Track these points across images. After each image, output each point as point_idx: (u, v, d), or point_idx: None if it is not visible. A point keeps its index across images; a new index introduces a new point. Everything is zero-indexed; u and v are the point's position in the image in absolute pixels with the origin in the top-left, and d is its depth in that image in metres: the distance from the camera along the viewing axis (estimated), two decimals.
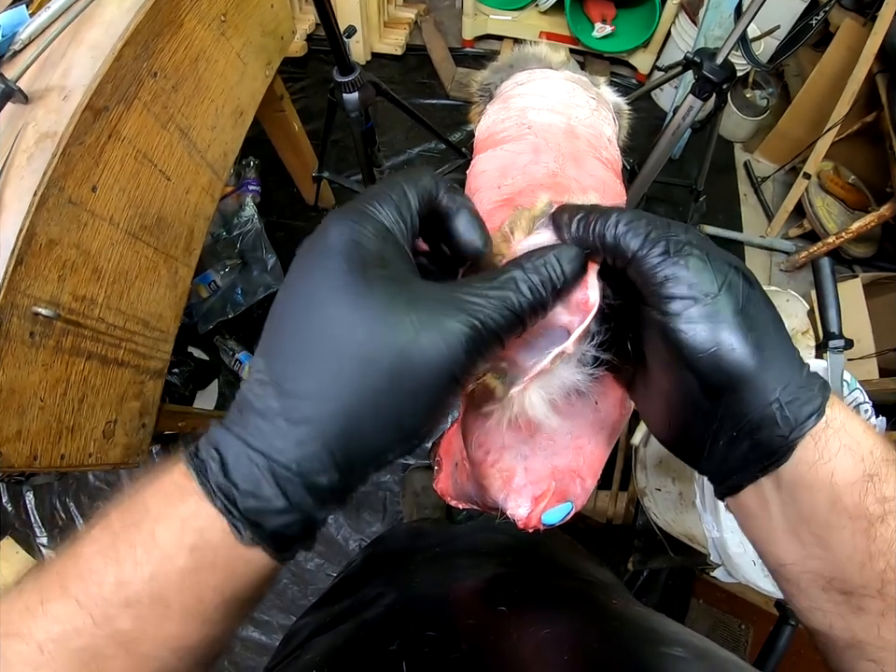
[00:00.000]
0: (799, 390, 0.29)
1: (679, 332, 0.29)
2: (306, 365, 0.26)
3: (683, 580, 1.63)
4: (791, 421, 0.28)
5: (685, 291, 0.29)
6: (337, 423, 0.25)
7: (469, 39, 2.53)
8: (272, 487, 0.25)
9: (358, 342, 0.25)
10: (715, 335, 0.29)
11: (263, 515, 0.26)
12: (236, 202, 1.94)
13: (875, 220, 1.82)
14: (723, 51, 1.34)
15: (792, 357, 0.30)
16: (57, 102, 0.81)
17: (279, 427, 0.26)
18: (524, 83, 0.71)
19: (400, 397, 0.26)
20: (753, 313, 0.29)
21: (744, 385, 0.29)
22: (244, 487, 0.26)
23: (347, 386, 0.25)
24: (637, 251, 0.30)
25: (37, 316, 0.77)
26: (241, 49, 1.18)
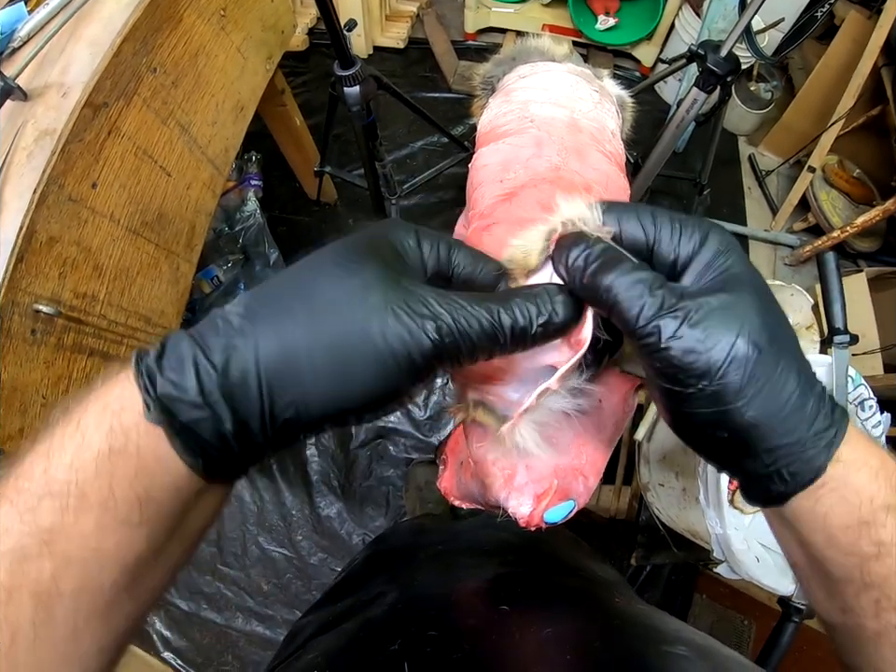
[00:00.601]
0: (799, 452, 0.28)
1: (687, 409, 0.29)
2: (276, 301, 0.27)
3: (686, 575, 1.63)
4: (786, 483, 0.29)
5: (693, 372, 0.28)
6: (274, 349, 0.26)
7: (471, 32, 2.52)
8: (191, 378, 0.25)
9: (331, 298, 0.27)
10: (722, 415, 0.28)
11: (177, 404, 0.25)
12: (238, 196, 1.94)
13: (879, 214, 1.81)
14: (727, 44, 1.33)
15: (802, 409, 0.29)
16: (56, 99, 0.80)
17: (222, 328, 0.26)
18: (526, 76, 0.71)
19: (349, 359, 0.26)
20: (766, 377, 0.28)
21: (741, 452, 0.29)
22: (167, 373, 0.26)
23: (302, 327, 0.26)
24: (639, 327, 0.29)
25: (38, 314, 0.77)
26: (241, 43, 1.17)
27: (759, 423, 0.28)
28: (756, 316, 0.28)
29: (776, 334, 0.29)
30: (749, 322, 0.28)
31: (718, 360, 0.27)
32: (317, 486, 1.75)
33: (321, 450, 1.79)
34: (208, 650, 1.58)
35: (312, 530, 1.70)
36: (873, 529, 0.28)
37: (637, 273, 0.29)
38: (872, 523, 0.28)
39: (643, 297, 0.29)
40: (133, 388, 0.26)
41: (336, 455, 1.79)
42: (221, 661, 1.57)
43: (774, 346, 0.28)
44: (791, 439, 0.28)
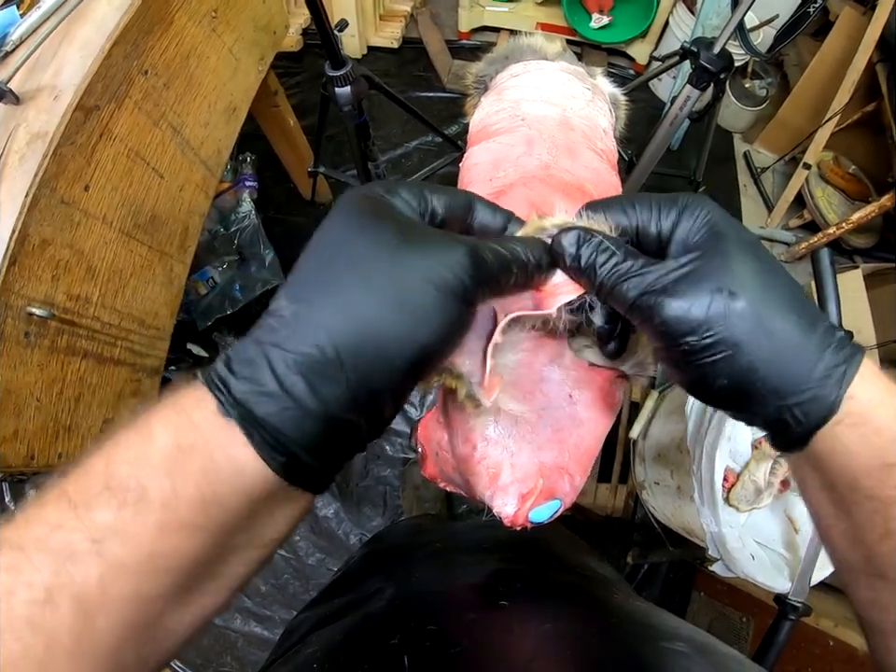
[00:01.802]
0: (809, 389, 0.28)
1: (688, 364, 0.30)
2: (321, 283, 0.27)
3: (684, 573, 1.64)
4: (800, 423, 0.29)
5: (682, 332, 0.29)
6: (341, 321, 0.26)
7: (465, 31, 2.52)
8: (265, 371, 0.25)
9: (366, 260, 0.27)
10: (719, 364, 0.29)
11: (254, 397, 0.25)
12: (233, 198, 1.94)
13: (875, 211, 1.82)
14: (720, 41, 1.33)
15: (805, 346, 0.29)
16: (48, 102, 0.80)
17: (287, 323, 0.26)
18: (518, 75, 0.71)
19: (414, 312, 0.27)
20: (760, 319, 0.29)
21: (750, 398, 0.30)
22: (239, 371, 0.25)
23: (358, 294, 0.26)
24: (630, 308, 0.31)
25: (32, 317, 0.77)
26: (233, 44, 1.17)
27: (756, 367, 0.29)
28: (737, 265, 0.30)
29: (760, 280, 0.30)
30: (728, 272, 0.29)
31: (699, 317, 0.29)
32: None
33: None
34: (207, 650, 1.58)
35: (309, 530, 1.70)
36: (894, 473, 0.28)
37: (616, 261, 0.32)
38: (894, 465, 0.28)
39: (625, 281, 0.31)
40: (205, 391, 0.25)
41: None
42: (220, 662, 1.57)
43: (758, 291, 0.29)
44: (796, 378, 0.29)
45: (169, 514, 0.24)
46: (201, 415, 0.25)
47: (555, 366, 0.41)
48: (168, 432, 0.24)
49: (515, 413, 0.38)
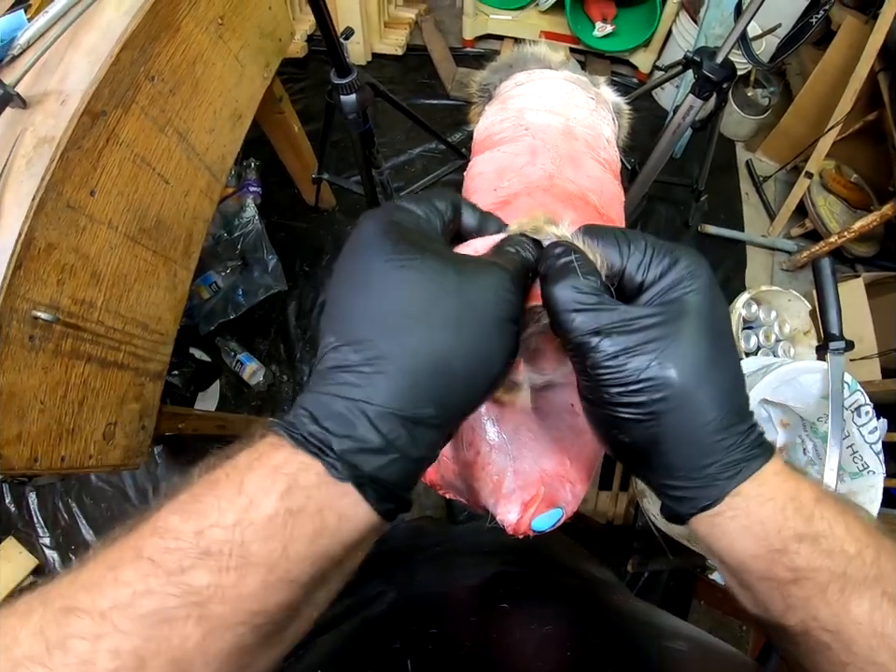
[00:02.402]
0: (697, 479, 0.30)
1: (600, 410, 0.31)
2: (382, 324, 0.28)
3: (685, 581, 1.63)
4: (680, 504, 0.31)
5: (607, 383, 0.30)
6: (428, 368, 0.27)
7: (469, 39, 2.54)
8: (366, 427, 0.26)
9: (429, 300, 0.28)
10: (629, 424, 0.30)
11: (359, 455, 0.25)
12: (237, 203, 1.95)
13: (877, 219, 1.82)
14: (723, 50, 1.34)
15: (714, 441, 0.29)
16: (55, 106, 0.81)
17: (365, 373, 0.27)
18: (522, 83, 0.71)
19: (484, 343, 0.28)
20: (681, 401, 0.29)
21: (642, 463, 0.32)
22: (336, 430, 0.26)
23: (434, 339, 0.27)
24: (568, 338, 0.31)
25: (37, 320, 0.78)
26: (239, 51, 1.18)
27: (660, 444, 0.30)
28: (690, 345, 0.30)
29: (706, 368, 0.30)
30: (678, 349, 0.29)
31: (631, 378, 0.29)
32: None
33: None
34: None
35: None
36: (786, 557, 0.29)
37: (579, 291, 0.31)
38: (783, 551, 0.29)
39: (577, 313, 0.30)
40: (299, 453, 0.25)
41: None
42: None
43: (695, 380, 0.29)
44: (692, 464, 0.30)
45: (276, 574, 0.24)
46: (307, 479, 0.25)
47: (557, 375, 0.41)
48: (271, 496, 0.24)
49: (540, 383, 0.39)
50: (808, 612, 0.29)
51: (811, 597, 0.28)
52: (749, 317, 1.72)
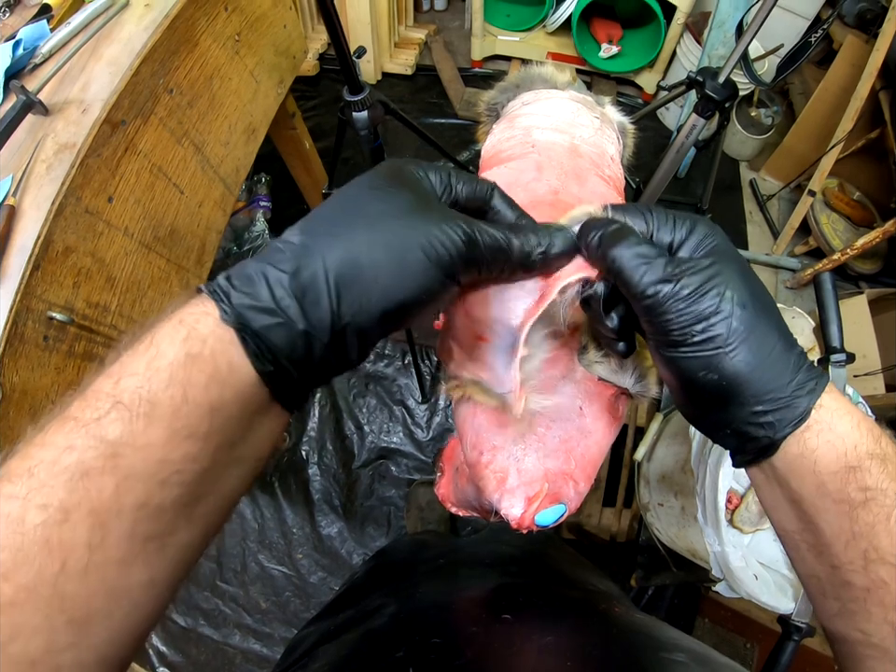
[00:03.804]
0: (784, 398, 0.32)
1: (684, 355, 0.33)
2: (332, 220, 0.30)
3: (689, 598, 1.62)
4: (773, 427, 0.32)
5: (687, 323, 0.32)
6: (338, 255, 0.29)
7: (477, 60, 2.58)
8: (263, 288, 0.28)
9: (381, 212, 0.30)
10: (713, 359, 0.32)
11: (251, 311, 0.27)
12: (247, 217, 1.97)
13: (880, 236, 1.82)
14: (725, 70, 1.36)
15: (784, 362, 0.32)
16: (76, 115, 0.84)
17: (291, 249, 0.29)
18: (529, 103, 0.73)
19: (399, 265, 0.29)
20: (750, 330, 0.31)
21: (731, 398, 0.32)
22: (238, 286, 0.28)
23: (360, 236, 0.29)
24: (640, 291, 0.33)
25: (52, 321, 0.79)
26: (254, 67, 1.21)
27: (745, 369, 0.31)
28: (739, 281, 0.32)
29: (757, 297, 0.33)
30: (732, 284, 0.32)
31: (706, 313, 0.31)
32: (319, 505, 1.75)
33: (323, 469, 1.79)
34: (204, 666, 1.57)
35: (312, 549, 1.70)
36: (859, 474, 0.30)
37: (639, 246, 0.33)
38: (858, 468, 0.30)
39: (644, 265, 0.32)
40: (208, 304, 0.27)
41: (338, 475, 1.79)
42: None
43: (756, 306, 0.32)
44: (775, 384, 0.32)
45: (179, 422, 0.25)
46: (205, 326, 0.27)
47: (568, 380, 0.42)
48: (175, 344, 0.26)
49: (543, 409, 0.40)
50: (871, 542, 0.30)
51: (875, 524, 0.30)
52: None
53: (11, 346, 0.74)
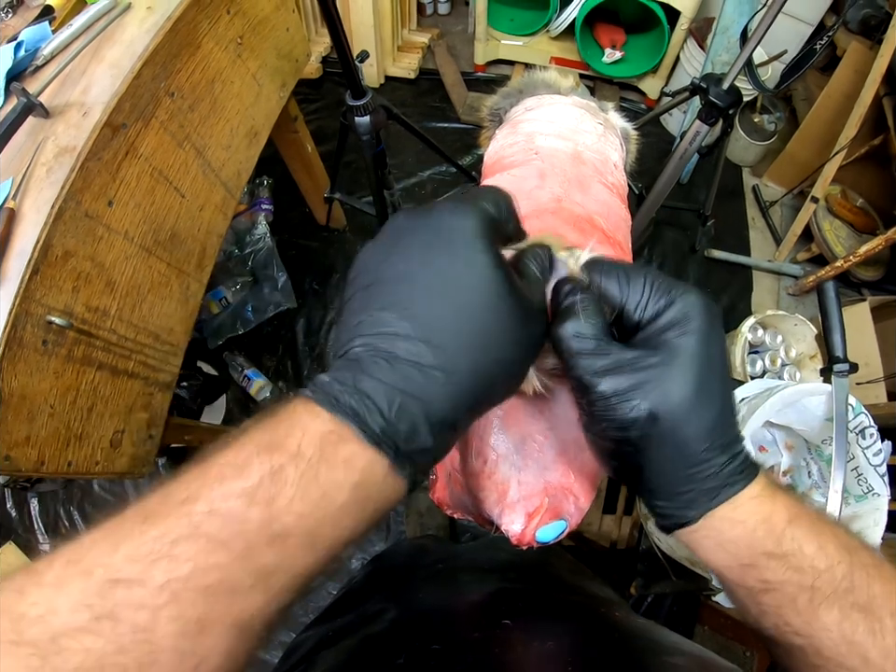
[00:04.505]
0: (673, 506, 0.34)
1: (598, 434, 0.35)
2: (450, 324, 0.30)
3: (688, 606, 1.61)
4: (665, 519, 0.35)
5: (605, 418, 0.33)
6: (480, 378, 0.30)
7: (480, 64, 2.58)
8: (425, 433, 0.29)
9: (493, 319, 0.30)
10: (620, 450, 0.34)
11: (416, 453, 0.29)
12: (249, 220, 1.97)
13: (882, 243, 1.81)
14: (729, 77, 1.36)
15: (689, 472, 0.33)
16: (77, 117, 0.83)
17: (435, 378, 0.29)
18: (532, 108, 0.73)
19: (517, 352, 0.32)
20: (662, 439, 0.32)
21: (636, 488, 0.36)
22: (403, 431, 0.28)
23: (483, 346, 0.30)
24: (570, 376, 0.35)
25: (51, 325, 0.79)
26: (256, 70, 1.21)
27: (644, 470, 0.34)
28: (670, 389, 0.32)
29: (688, 407, 0.32)
30: (658, 392, 0.32)
31: (619, 416, 0.32)
32: None
33: None
34: None
35: None
36: (756, 570, 0.32)
37: (579, 335, 0.34)
38: (754, 566, 0.32)
39: (578, 354, 0.33)
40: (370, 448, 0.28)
41: None
42: None
43: (679, 417, 0.32)
44: (671, 490, 0.33)
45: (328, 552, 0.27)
46: (379, 474, 0.28)
47: (564, 389, 0.42)
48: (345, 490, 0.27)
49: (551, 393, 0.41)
50: (780, 618, 0.32)
51: (781, 606, 0.32)
52: (756, 342, 1.72)
53: (10, 350, 0.74)
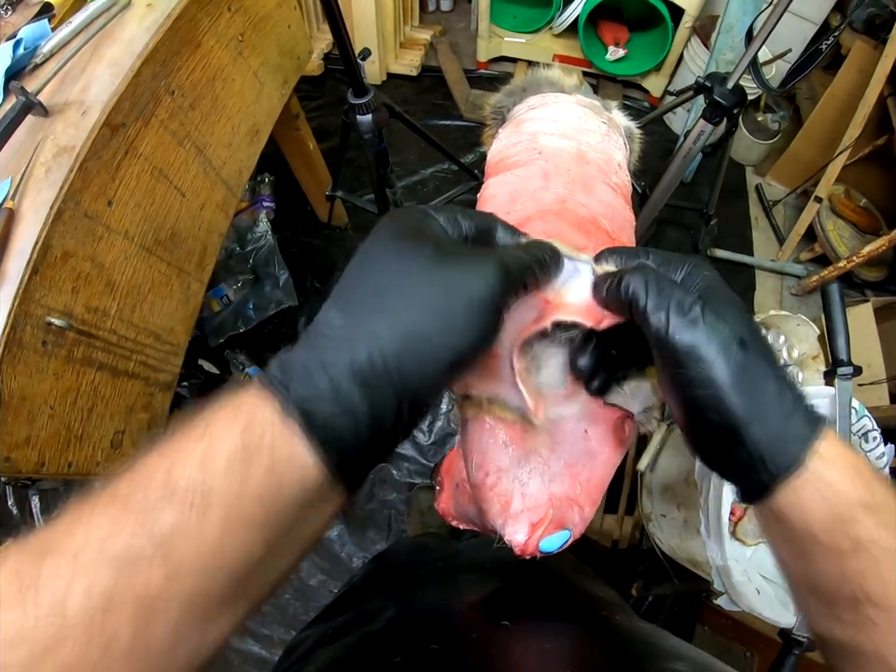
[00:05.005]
0: (779, 443, 0.31)
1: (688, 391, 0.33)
2: (368, 297, 0.30)
3: (688, 606, 1.61)
4: (768, 473, 0.32)
5: (691, 358, 0.32)
6: (388, 333, 0.28)
7: (483, 61, 2.57)
8: (323, 379, 0.27)
9: (406, 276, 0.30)
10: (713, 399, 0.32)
11: (313, 403, 0.26)
12: (250, 217, 1.97)
13: (886, 244, 1.81)
14: (734, 76, 1.35)
15: (783, 409, 0.32)
16: (76, 117, 0.83)
17: (339, 334, 0.28)
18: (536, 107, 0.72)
19: (449, 322, 0.29)
20: (751, 371, 0.32)
21: (731, 439, 0.32)
22: (298, 376, 0.27)
23: (399, 309, 0.29)
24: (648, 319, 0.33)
25: (50, 326, 0.79)
26: (258, 68, 1.20)
27: (744, 410, 0.31)
28: (739, 321, 0.33)
29: (756, 340, 0.33)
30: (736, 324, 0.33)
31: (712, 349, 0.32)
32: None
33: None
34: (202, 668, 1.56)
35: (312, 552, 1.69)
36: (850, 526, 0.30)
37: (649, 272, 0.34)
38: (850, 520, 0.30)
39: (653, 293, 0.33)
40: (265, 396, 0.27)
41: None
42: None
43: (756, 348, 0.32)
44: (773, 428, 0.31)
45: (234, 514, 0.25)
46: (263, 415, 0.26)
47: (573, 403, 0.41)
48: (232, 435, 0.26)
49: (564, 419, 0.40)
50: (860, 585, 0.30)
51: (864, 571, 0.30)
52: None
53: (10, 352, 0.74)
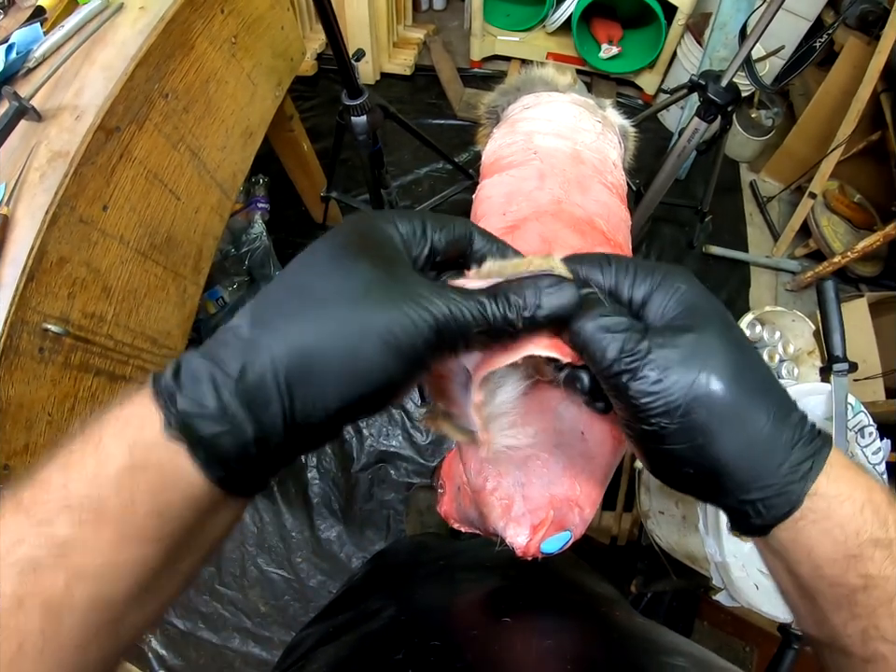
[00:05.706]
0: (774, 485, 0.29)
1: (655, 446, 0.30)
2: (281, 307, 0.28)
3: (688, 601, 1.62)
4: (762, 515, 0.29)
5: (655, 412, 0.28)
6: (287, 352, 0.26)
7: (477, 60, 2.57)
8: (209, 392, 0.26)
9: (333, 298, 0.27)
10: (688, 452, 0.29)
11: (197, 419, 0.25)
12: (245, 219, 1.96)
13: (880, 239, 1.82)
14: (728, 74, 1.35)
15: (776, 441, 0.29)
16: (70, 121, 0.82)
17: (232, 341, 0.27)
18: (530, 107, 0.72)
19: (354, 357, 0.26)
20: (731, 410, 0.28)
21: (715, 488, 0.30)
22: (185, 390, 0.26)
23: (310, 329, 0.26)
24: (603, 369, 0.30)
25: (47, 332, 0.78)
26: (251, 70, 1.20)
27: (727, 459, 0.28)
28: (720, 353, 0.29)
29: (742, 368, 0.29)
30: (711, 360, 0.28)
31: (678, 400, 0.28)
32: (318, 509, 1.74)
33: (322, 472, 1.79)
34: (204, 669, 1.56)
35: (311, 552, 1.69)
36: (860, 563, 0.28)
37: (603, 318, 0.30)
38: (859, 556, 0.28)
39: (606, 340, 0.29)
40: (153, 406, 0.26)
41: (337, 478, 1.78)
42: None
43: (740, 382, 0.29)
44: (762, 473, 0.28)
45: (126, 527, 0.25)
46: (150, 432, 0.26)
47: (568, 404, 0.41)
48: (121, 450, 0.25)
49: (517, 447, 0.38)
50: (871, 622, 0.28)
51: (876, 607, 0.28)
52: (754, 338, 1.72)
53: (6, 359, 0.73)
